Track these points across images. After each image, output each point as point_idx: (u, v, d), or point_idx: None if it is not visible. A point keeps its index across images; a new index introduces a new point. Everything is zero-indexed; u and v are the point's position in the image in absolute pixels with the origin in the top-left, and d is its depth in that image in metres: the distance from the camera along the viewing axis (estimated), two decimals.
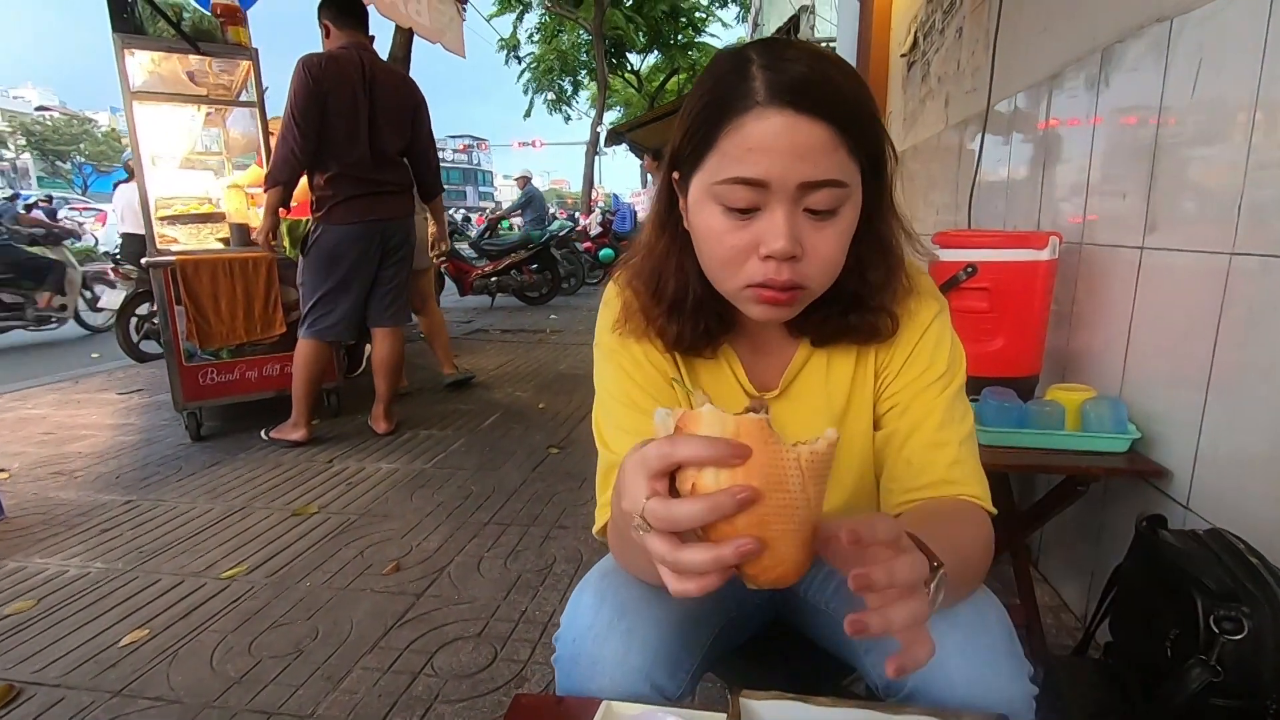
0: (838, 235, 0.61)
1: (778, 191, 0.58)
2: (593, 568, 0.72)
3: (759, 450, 0.41)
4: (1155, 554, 0.83)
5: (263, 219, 2.78)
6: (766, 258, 0.60)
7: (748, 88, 0.58)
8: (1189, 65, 1.22)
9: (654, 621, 0.65)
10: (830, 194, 0.59)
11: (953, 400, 0.72)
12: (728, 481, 0.41)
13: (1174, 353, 1.26)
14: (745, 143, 0.58)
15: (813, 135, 0.57)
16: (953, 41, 2.78)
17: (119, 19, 2.71)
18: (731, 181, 0.59)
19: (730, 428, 0.42)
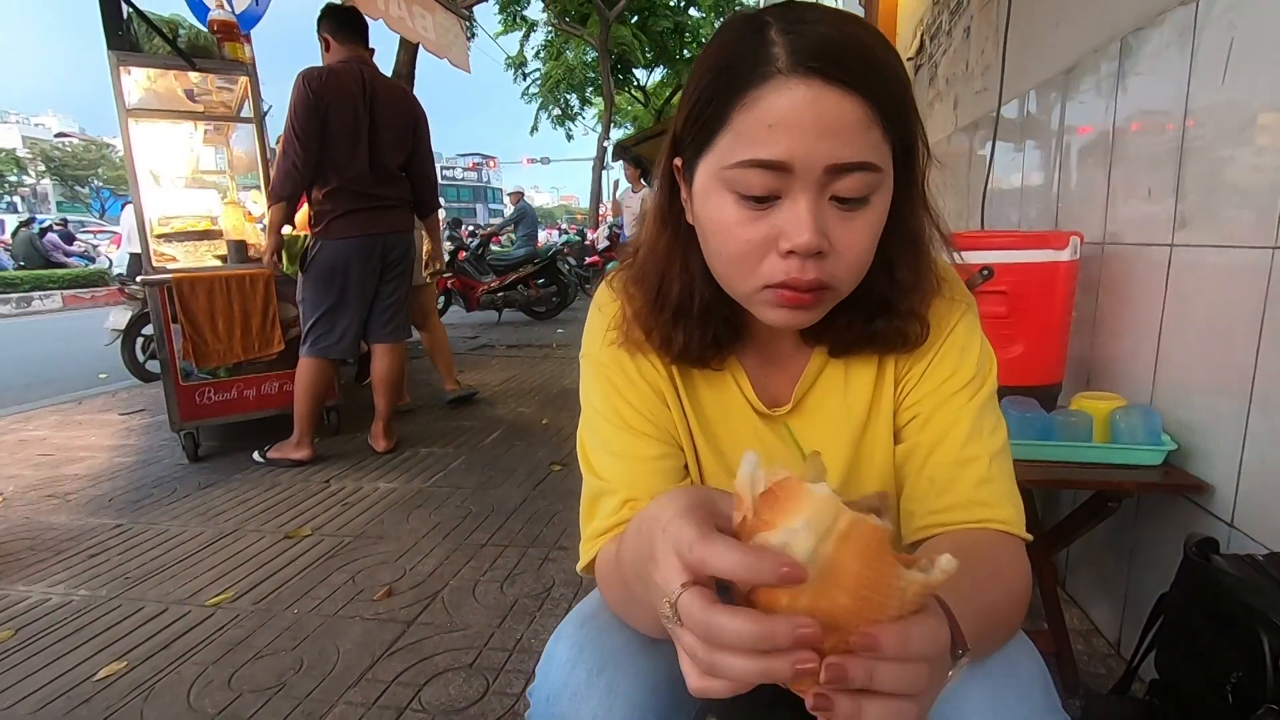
0: (869, 228, 0.53)
1: (802, 176, 0.50)
2: (570, 612, 0.64)
3: (866, 565, 0.33)
4: (1208, 582, 0.73)
5: (267, 237, 2.74)
6: (788, 254, 0.51)
7: (766, 54, 0.49)
8: (1218, 49, 1.14)
9: (639, 676, 0.57)
10: (862, 179, 0.50)
11: (981, 410, 0.63)
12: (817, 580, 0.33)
13: (1211, 357, 1.17)
14: (764, 118, 0.49)
15: (843, 109, 0.48)
16: (960, 42, 2.71)
17: (114, 36, 2.70)
18: (747, 165, 0.50)
19: (840, 525, 0.33)
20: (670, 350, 0.64)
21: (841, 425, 0.67)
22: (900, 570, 0.33)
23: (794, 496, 0.34)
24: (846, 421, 0.66)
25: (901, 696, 0.34)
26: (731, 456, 0.69)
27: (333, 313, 2.76)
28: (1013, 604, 0.56)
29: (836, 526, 0.33)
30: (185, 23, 2.95)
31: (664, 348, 0.64)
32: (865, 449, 0.67)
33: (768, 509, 0.35)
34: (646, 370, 0.67)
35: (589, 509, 0.65)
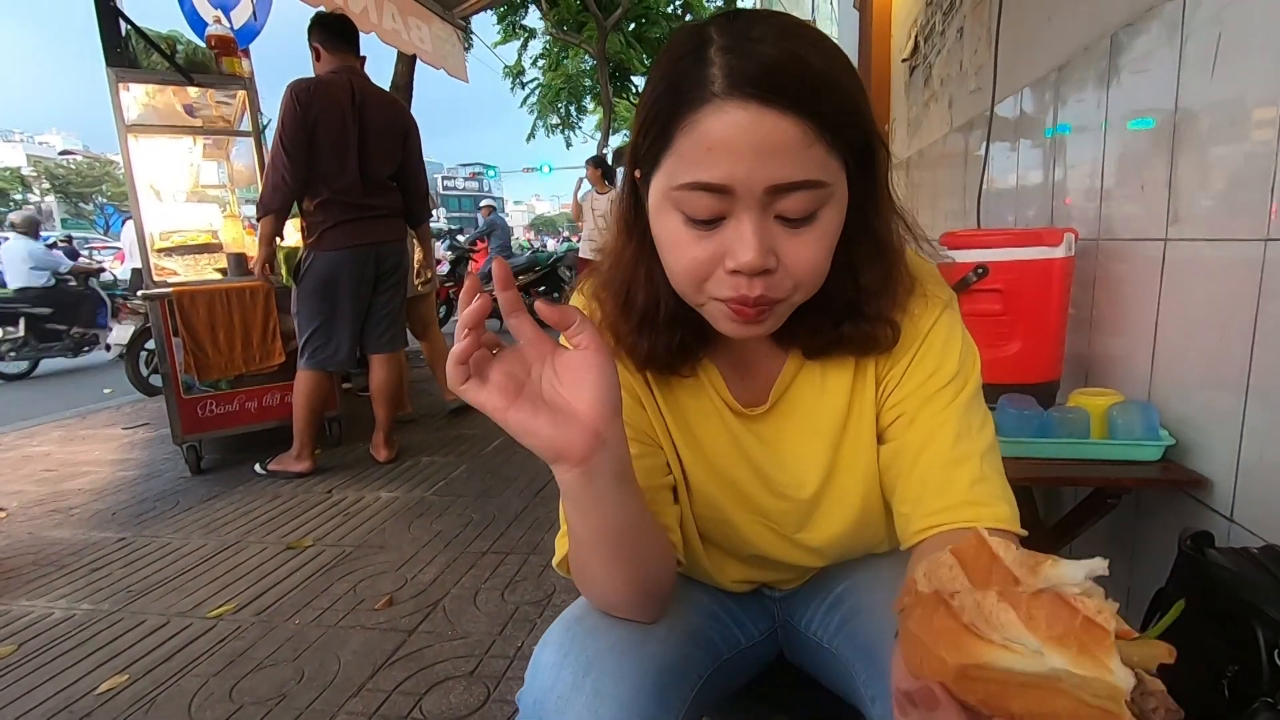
0: (818, 241, 0.53)
1: (744, 197, 0.50)
2: (558, 618, 0.64)
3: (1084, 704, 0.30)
4: (1203, 577, 0.73)
5: (258, 249, 2.75)
6: (734, 272, 0.52)
7: (704, 75, 0.49)
8: (1206, 44, 1.14)
9: (625, 676, 0.56)
10: (806, 197, 0.50)
11: (968, 407, 0.62)
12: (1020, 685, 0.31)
13: (1207, 351, 1.16)
14: (703, 142, 0.49)
15: (780, 131, 0.48)
16: (954, 42, 2.71)
17: (113, 53, 2.72)
18: (690, 187, 0.51)
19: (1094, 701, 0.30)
20: (637, 357, 0.64)
21: (820, 425, 0.66)
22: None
23: (1091, 651, 0.30)
24: (825, 422, 0.66)
25: None
26: (713, 456, 0.69)
27: (328, 324, 2.76)
28: None
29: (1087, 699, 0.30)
30: (183, 38, 2.97)
31: (631, 354, 0.65)
32: (845, 449, 0.67)
33: (1046, 612, 0.31)
34: (621, 374, 0.67)
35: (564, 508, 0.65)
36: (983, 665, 0.31)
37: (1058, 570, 0.32)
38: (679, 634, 0.64)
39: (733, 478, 0.69)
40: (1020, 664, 0.30)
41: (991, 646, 0.31)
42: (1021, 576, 0.32)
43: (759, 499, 0.69)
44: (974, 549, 0.35)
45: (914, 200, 3.49)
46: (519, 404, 0.49)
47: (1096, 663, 0.29)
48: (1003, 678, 0.31)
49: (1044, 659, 0.30)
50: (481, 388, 0.49)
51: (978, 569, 0.34)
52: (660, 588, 0.61)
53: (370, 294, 2.85)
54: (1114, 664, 0.29)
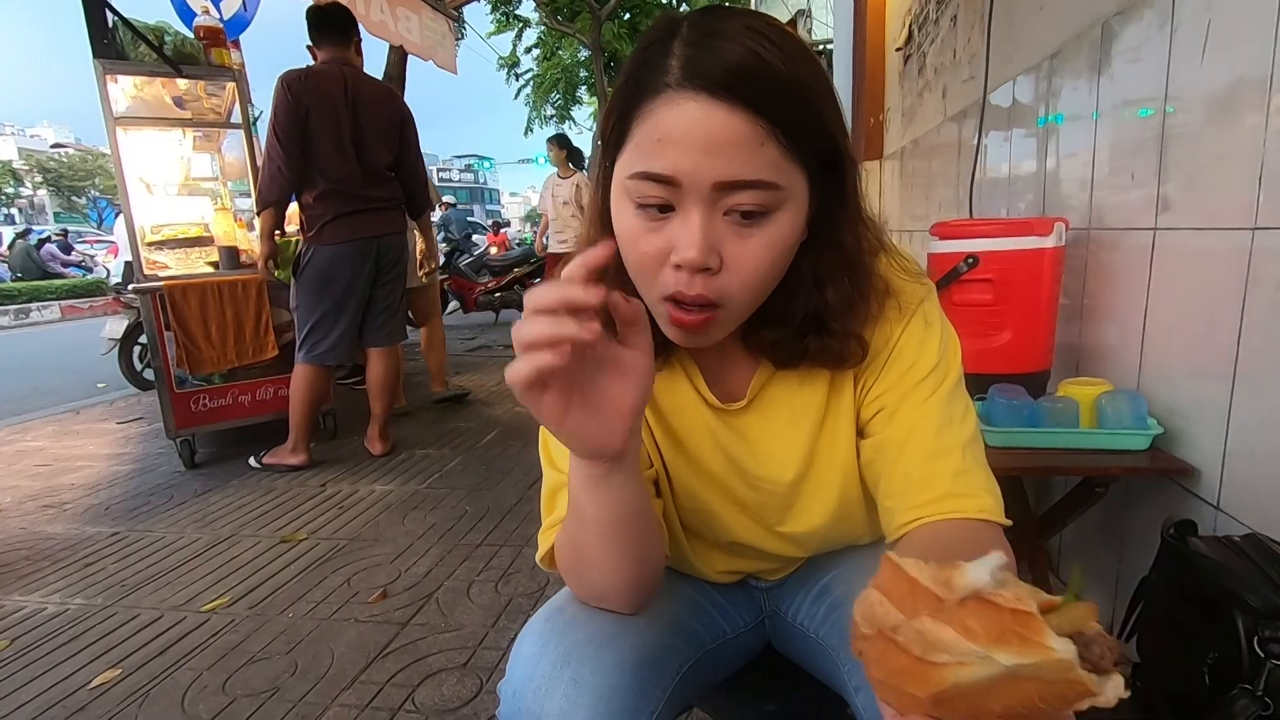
0: (767, 246, 0.52)
1: (690, 191, 0.50)
2: (538, 610, 0.64)
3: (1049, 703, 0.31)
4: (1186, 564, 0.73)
5: (260, 244, 2.74)
6: (678, 267, 0.51)
7: (664, 65, 0.49)
8: (1196, 31, 1.13)
9: (605, 667, 0.57)
10: (754, 196, 0.50)
11: (949, 399, 0.62)
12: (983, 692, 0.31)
13: (1195, 339, 1.16)
14: (654, 132, 0.49)
15: (730, 128, 0.48)
16: (947, 30, 2.70)
17: (100, 44, 2.69)
18: (640, 177, 0.51)
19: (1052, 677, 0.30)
20: None
21: (798, 420, 0.66)
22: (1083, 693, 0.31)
23: (1026, 637, 0.30)
24: (803, 416, 0.66)
25: None
26: (692, 450, 0.69)
27: (327, 319, 2.75)
28: None
29: (1045, 676, 0.30)
30: (171, 29, 2.94)
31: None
32: (823, 442, 0.67)
33: (977, 618, 0.32)
34: None
35: (549, 502, 0.66)
36: (948, 688, 0.32)
37: (967, 577, 0.32)
38: (659, 624, 0.64)
39: (712, 471, 0.69)
40: (978, 674, 0.31)
41: (948, 669, 0.32)
42: (941, 593, 0.33)
43: (739, 491, 0.70)
44: (892, 578, 0.35)
45: (909, 190, 3.48)
46: (572, 410, 0.48)
47: (1037, 646, 0.30)
48: (971, 690, 0.32)
49: (995, 661, 0.31)
50: (543, 394, 0.46)
51: (902, 596, 0.34)
52: (654, 575, 0.62)
53: (370, 288, 2.84)
54: (1051, 641, 0.30)
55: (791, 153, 0.50)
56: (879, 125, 4.09)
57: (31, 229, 14.74)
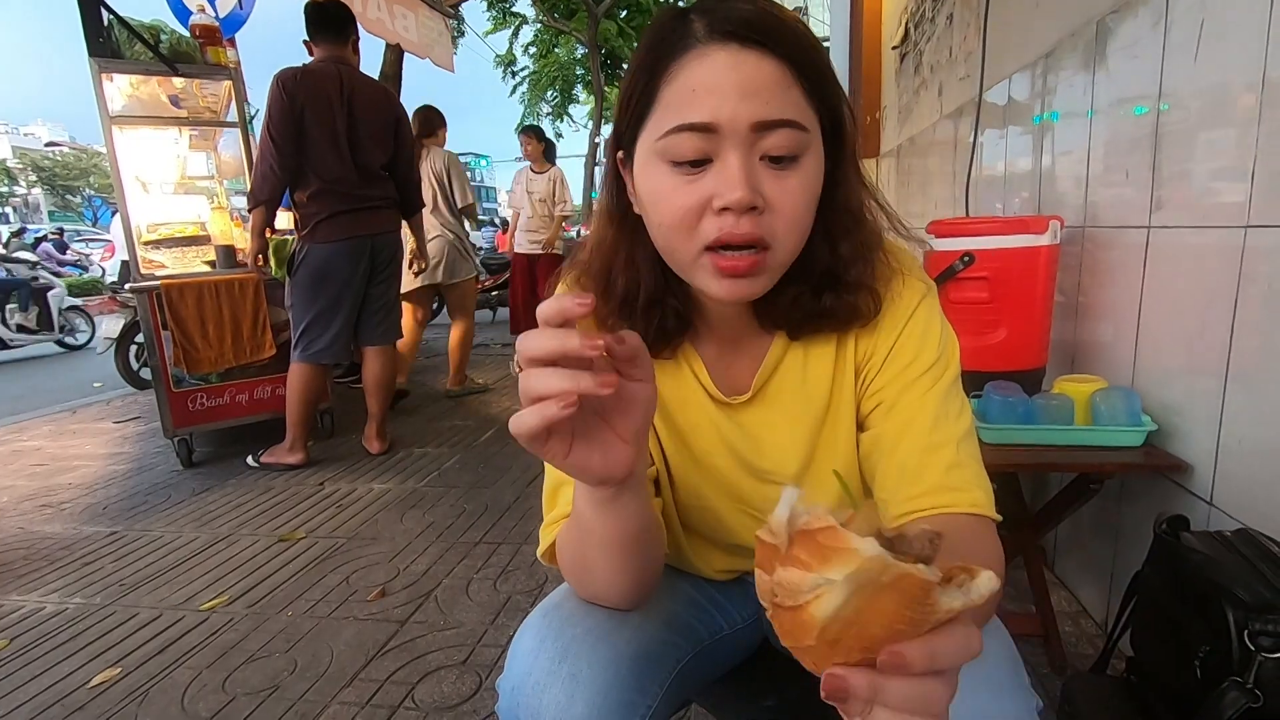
0: (802, 187, 0.54)
1: (729, 135, 0.51)
2: (537, 606, 0.65)
3: (906, 605, 0.32)
4: (1177, 559, 0.74)
5: (250, 241, 2.73)
6: (723, 210, 0.52)
7: (686, 30, 0.53)
8: (1190, 30, 1.14)
9: (602, 663, 0.57)
10: (789, 135, 0.52)
11: (946, 395, 0.63)
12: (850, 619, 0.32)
13: (1189, 337, 1.17)
14: (688, 84, 0.52)
15: (762, 69, 0.51)
16: (943, 29, 2.70)
17: (95, 43, 2.68)
18: (677, 130, 0.52)
19: (886, 579, 0.31)
20: None
21: (802, 413, 0.67)
22: (942, 601, 0.32)
23: (838, 548, 0.32)
24: (806, 409, 0.67)
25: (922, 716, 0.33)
26: (696, 445, 0.69)
27: (322, 317, 2.75)
28: None
29: (880, 580, 0.31)
30: (167, 28, 2.93)
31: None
32: (826, 436, 0.67)
33: (805, 550, 0.33)
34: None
35: (550, 499, 0.66)
36: (821, 627, 0.33)
37: (778, 519, 0.35)
38: (657, 620, 0.64)
39: (714, 465, 0.70)
40: (833, 600, 0.32)
41: (810, 606, 0.33)
42: (776, 543, 0.35)
43: (740, 486, 0.70)
44: (759, 549, 0.36)
45: (906, 187, 3.49)
46: (576, 448, 0.47)
47: (848, 553, 0.32)
48: (844, 621, 0.33)
49: (833, 580, 0.32)
50: (547, 440, 0.45)
51: (766, 561, 0.36)
52: (654, 578, 0.62)
53: (365, 286, 2.84)
54: (854, 543, 0.32)
55: (811, 100, 0.54)
56: (875, 123, 4.09)
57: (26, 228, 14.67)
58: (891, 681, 0.32)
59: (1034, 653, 1.38)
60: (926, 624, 0.32)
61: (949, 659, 0.32)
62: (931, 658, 0.31)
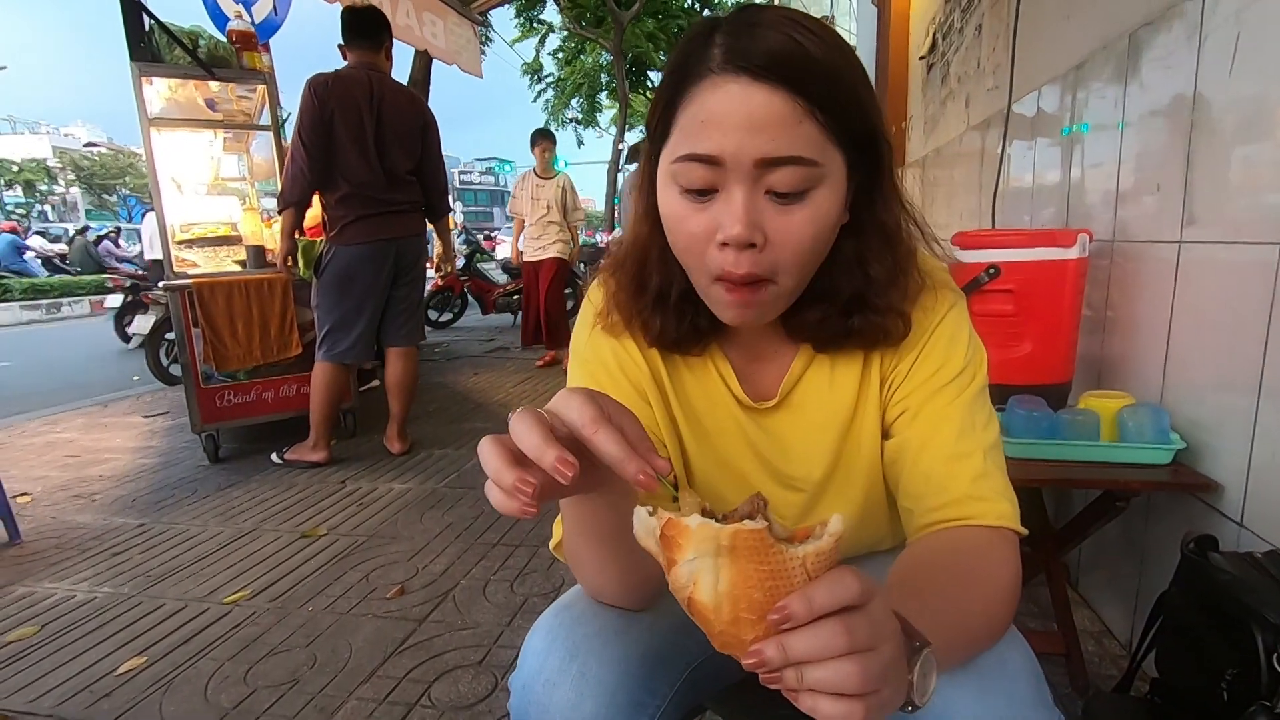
0: (809, 222, 0.53)
1: (733, 169, 0.52)
2: (550, 605, 0.65)
3: (759, 561, 0.36)
4: (1205, 580, 0.73)
5: (279, 242, 2.78)
6: (724, 245, 0.53)
7: (705, 54, 0.52)
8: (1225, 43, 1.13)
9: (612, 662, 0.58)
10: (794, 173, 0.51)
11: (972, 404, 0.63)
12: (727, 593, 0.36)
13: (1220, 354, 1.15)
14: (698, 115, 0.52)
15: (772, 104, 0.50)
16: (972, 39, 2.69)
17: (136, 48, 2.76)
18: (685, 159, 0.53)
19: (724, 541, 0.36)
20: (649, 334, 0.66)
21: (827, 421, 0.67)
22: (790, 550, 0.36)
23: (679, 534, 0.37)
24: (832, 417, 0.67)
25: (835, 659, 0.35)
26: (721, 447, 0.70)
27: (347, 318, 2.79)
28: (1003, 601, 0.56)
29: (721, 544, 0.36)
30: (205, 34, 3.02)
31: (644, 331, 0.66)
32: (850, 444, 0.68)
33: (668, 550, 0.38)
34: (627, 364, 0.68)
35: None
36: (713, 609, 0.36)
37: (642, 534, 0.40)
38: (668, 622, 0.65)
39: (739, 469, 0.70)
40: (706, 579, 0.36)
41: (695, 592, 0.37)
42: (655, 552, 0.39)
43: (764, 490, 0.70)
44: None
45: (930, 198, 3.46)
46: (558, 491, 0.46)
47: (687, 532, 0.37)
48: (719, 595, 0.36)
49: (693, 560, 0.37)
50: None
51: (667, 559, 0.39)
52: (648, 580, 0.61)
53: (389, 288, 2.88)
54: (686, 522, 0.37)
55: (829, 131, 0.52)
56: (901, 133, 4.07)
57: (89, 226, 15.14)
58: (792, 636, 0.35)
59: (1056, 672, 1.36)
60: (793, 575, 0.36)
61: (826, 598, 0.35)
62: (809, 601, 0.35)
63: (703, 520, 0.37)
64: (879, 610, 0.37)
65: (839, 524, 0.37)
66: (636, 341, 0.68)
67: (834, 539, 0.37)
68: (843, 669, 0.35)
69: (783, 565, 0.36)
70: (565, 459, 0.39)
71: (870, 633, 0.36)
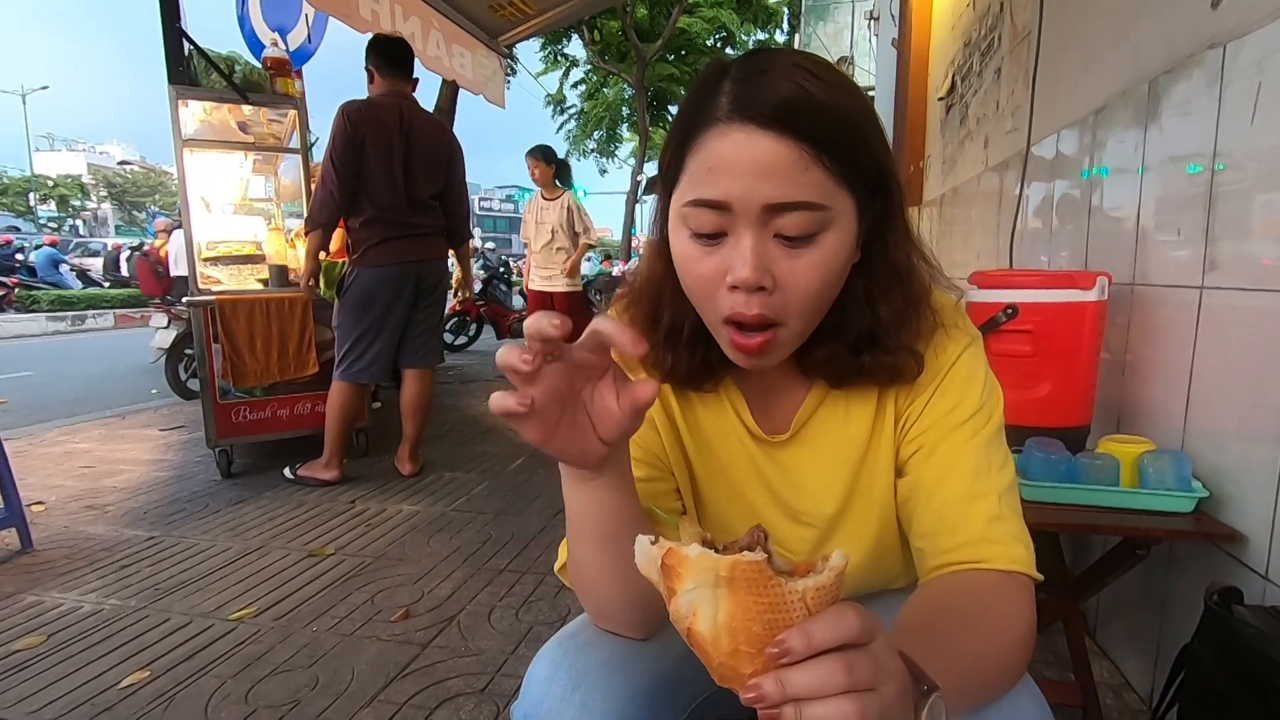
0: (817, 264, 0.54)
1: (742, 214, 0.53)
2: (555, 633, 0.65)
3: (758, 594, 0.36)
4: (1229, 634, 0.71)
5: (304, 263, 2.84)
6: (733, 288, 0.54)
7: (714, 101, 0.53)
8: (1246, 91, 1.13)
9: (616, 693, 0.57)
10: (802, 217, 0.52)
11: (988, 445, 0.62)
12: (726, 625, 0.36)
13: (1243, 402, 1.13)
14: (706, 162, 0.53)
15: (776, 153, 0.51)
16: (991, 82, 2.72)
17: (175, 71, 2.85)
18: (694, 204, 0.54)
19: (723, 572, 0.36)
20: (661, 370, 0.66)
21: (841, 456, 0.67)
22: (790, 584, 0.36)
23: (679, 563, 0.38)
24: (845, 453, 0.67)
25: (834, 696, 0.34)
26: (733, 480, 0.70)
27: (366, 338, 2.82)
28: (1016, 647, 0.55)
29: (720, 575, 0.36)
30: (241, 59, 3.11)
31: (656, 368, 0.67)
32: (864, 481, 0.67)
33: (668, 580, 0.38)
34: None
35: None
36: (712, 641, 0.36)
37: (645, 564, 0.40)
38: (673, 653, 0.64)
39: (750, 501, 0.70)
40: (705, 611, 0.36)
41: (694, 623, 0.37)
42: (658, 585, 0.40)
43: (775, 525, 0.70)
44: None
45: (948, 237, 3.47)
46: (558, 436, 0.49)
47: (686, 562, 0.37)
48: (718, 627, 0.36)
49: (693, 591, 0.37)
50: (525, 419, 0.47)
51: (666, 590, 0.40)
52: (653, 599, 0.61)
53: (409, 310, 2.92)
54: (685, 551, 0.37)
55: (837, 175, 0.53)
56: (919, 172, 4.10)
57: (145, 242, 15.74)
58: (790, 672, 0.35)
59: None
60: (793, 609, 0.35)
61: (825, 634, 0.35)
62: (809, 636, 0.34)
63: (702, 550, 0.37)
64: (882, 650, 0.37)
65: (841, 559, 0.37)
66: (650, 376, 0.69)
67: (835, 574, 0.36)
68: (842, 707, 0.34)
69: (782, 598, 0.35)
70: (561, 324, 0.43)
71: (871, 672, 0.35)
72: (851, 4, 12.94)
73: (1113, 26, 1.66)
